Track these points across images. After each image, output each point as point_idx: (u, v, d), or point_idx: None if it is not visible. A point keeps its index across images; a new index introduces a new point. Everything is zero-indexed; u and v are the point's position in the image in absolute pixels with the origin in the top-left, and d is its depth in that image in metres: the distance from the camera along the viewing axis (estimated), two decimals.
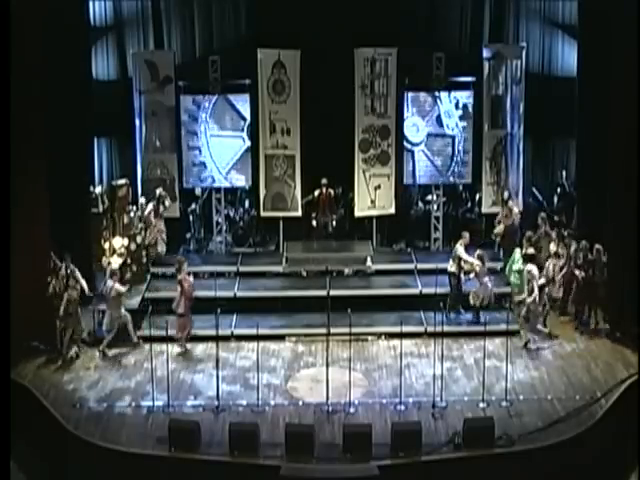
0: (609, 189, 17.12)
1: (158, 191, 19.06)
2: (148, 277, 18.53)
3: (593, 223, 17.86)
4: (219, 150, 19.94)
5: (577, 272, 17.05)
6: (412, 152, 20.00)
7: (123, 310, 16.70)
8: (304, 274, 18.72)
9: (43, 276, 16.42)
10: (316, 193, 19.58)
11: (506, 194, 19.42)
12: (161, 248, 18.92)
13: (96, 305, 17.08)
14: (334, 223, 19.81)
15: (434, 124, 19.98)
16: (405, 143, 19.95)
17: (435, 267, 17.62)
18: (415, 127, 19.93)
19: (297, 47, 19.37)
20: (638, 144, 16.08)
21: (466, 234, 17.70)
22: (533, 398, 14.76)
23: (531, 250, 17.38)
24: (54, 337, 16.38)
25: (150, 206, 18.88)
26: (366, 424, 13.65)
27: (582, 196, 18.95)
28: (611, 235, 17.01)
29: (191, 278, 16.93)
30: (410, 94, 19.79)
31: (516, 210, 19.11)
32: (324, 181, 19.50)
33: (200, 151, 19.97)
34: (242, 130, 19.88)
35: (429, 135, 19.98)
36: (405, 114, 19.82)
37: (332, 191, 19.66)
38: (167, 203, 19.13)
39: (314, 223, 19.66)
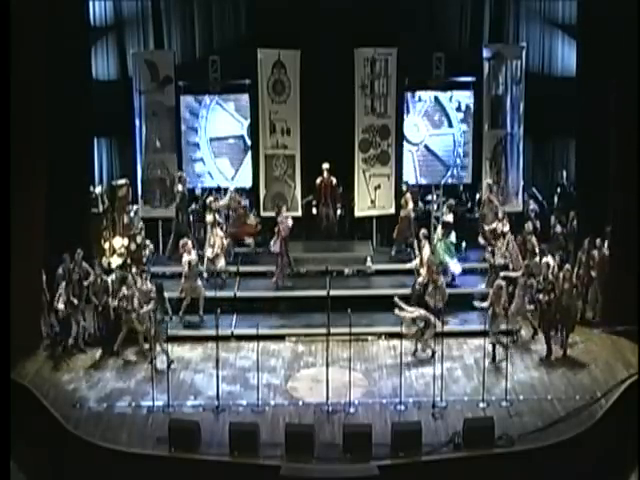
0: (609, 189, 17.12)
1: (209, 199, 18.91)
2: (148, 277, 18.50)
3: (593, 223, 17.85)
4: (219, 150, 19.99)
5: (541, 296, 16.32)
6: (412, 152, 20.02)
7: (198, 282, 17.16)
8: (303, 271, 18.70)
9: (41, 276, 16.53)
10: (318, 180, 19.37)
11: (404, 186, 19.42)
12: (220, 263, 18.28)
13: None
14: (338, 213, 19.46)
15: (434, 124, 19.99)
16: (405, 143, 19.96)
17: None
18: (415, 127, 19.94)
19: (297, 47, 19.38)
20: (638, 144, 16.10)
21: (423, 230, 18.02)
22: (533, 398, 14.76)
23: (449, 217, 17.93)
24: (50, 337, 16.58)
25: (210, 217, 18.59)
26: (366, 424, 13.65)
27: (582, 196, 18.94)
28: (611, 235, 17.03)
29: (289, 221, 17.85)
30: (410, 94, 19.81)
31: (411, 205, 19.17)
32: (325, 166, 19.25)
33: (200, 151, 20.01)
34: (242, 130, 19.93)
35: (429, 135, 20.00)
36: (405, 114, 19.83)
37: (334, 179, 19.42)
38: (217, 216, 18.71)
39: (314, 211, 19.47)
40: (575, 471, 13.20)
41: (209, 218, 18.55)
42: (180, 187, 19.23)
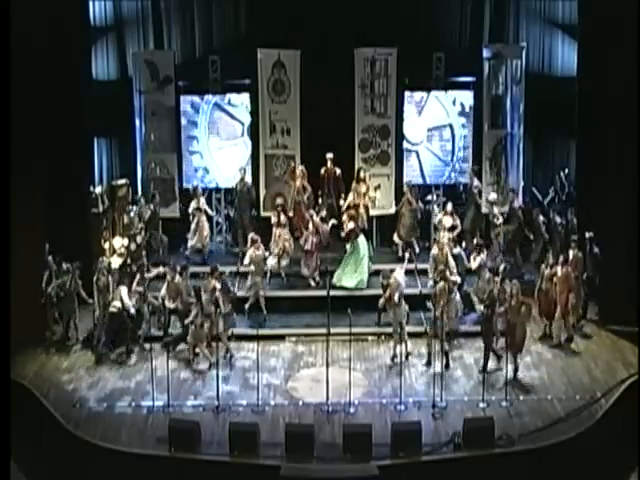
0: (609, 189, 17.12)
1: (278, 200, 18.78)
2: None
3: (593, 223, 17.84)
4: (219, 149, 20.01)
5: (482, 308, 15.64)
6: (412, 152, 20.03)
7: (264, 279, 17.14)
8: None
9: (41, 276, 16.55)
10: (322, 170, 19.25)
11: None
12: (285, 262, 18.07)
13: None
14: (341, 203, 19.11)
15: (434, 124, 20.01)
16: (405, 143, 19.97)
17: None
18: (415, 127, 19.95)
19: (297, 47, 19.40)
20: (638, 144, 16.10)
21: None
22: (533, 398, 14.76)
23: (352, 212, 18.00)
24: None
25: (273, 218, 18.43)
26: (366, 424, 13.63)
27: (582, 196, 18.94)
28: (611, 235, 17.03)
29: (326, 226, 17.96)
30: (410, 94, 19.82)
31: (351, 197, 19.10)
32: (329, 155, 19.14)
33: (200, 151, 20.02)
34: (242, 130, 19.94)
35: (429, 135, 20.02)
36: (405, 114, 19.84)
37: (338, 169, 19.28)
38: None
39: (319, 201, 19.30)
40: (575, 471, 13.19)
41: (275, 219, 18.39)
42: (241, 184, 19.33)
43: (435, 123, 19.92)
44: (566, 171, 20.47)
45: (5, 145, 13.80)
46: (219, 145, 20.00)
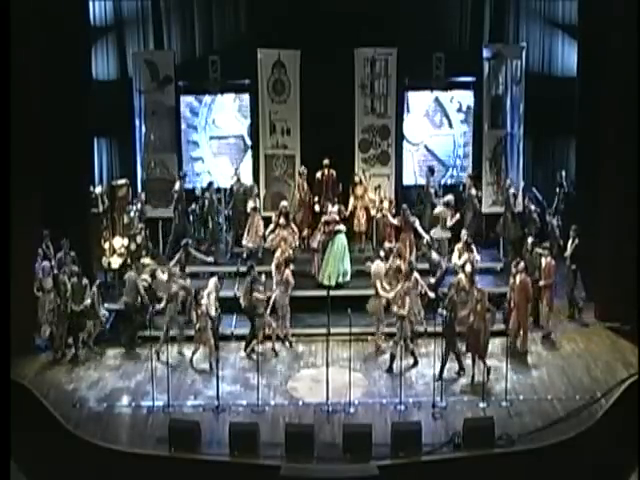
0: (608, 189, 17.12)
1: (283, 204, 18.61)
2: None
3: (592, 223, 17.84)
4: (219, 149, 20.01)
5: (444, 312, 15.14)
6: (412, 152, 20.02)
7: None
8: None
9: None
10: (318, 174, 19.29)
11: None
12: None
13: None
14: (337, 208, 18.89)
15: (434, 124, 20.03)
16: (405, 143, 19.98)
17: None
18: (415, 127, 19.95)
19: (297, 47, 19.40)
20: (638, 144, 16.11)
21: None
22: (533, 398, 14.76)
23: (340, 226, 17.91)
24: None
25: (274, 218, 18.44)
26: (366, 424, 13.64)
27: (582, 196, 18.94)
28: (610, 235, 17.04)
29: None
30: (410, 94, 19.82)
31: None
32: (326, 161, 19.19)
33: (202, 157, 20.02)
34: (242, 140, 19.96)
35: (429, 135, 20.02)
36: (405, 114, 19.84)
37: (334, 172, 19.29)
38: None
39: (317, 208, 19.29)
40: (575, 471, 13.20)
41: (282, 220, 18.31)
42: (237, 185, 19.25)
43: (425, 107, 19.96)
44: (564, 173, 20.40)
45: (5, 145, 13.79)
46: (227, 164, 20.10)
